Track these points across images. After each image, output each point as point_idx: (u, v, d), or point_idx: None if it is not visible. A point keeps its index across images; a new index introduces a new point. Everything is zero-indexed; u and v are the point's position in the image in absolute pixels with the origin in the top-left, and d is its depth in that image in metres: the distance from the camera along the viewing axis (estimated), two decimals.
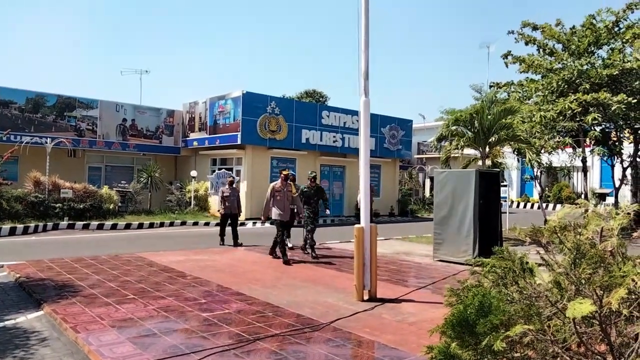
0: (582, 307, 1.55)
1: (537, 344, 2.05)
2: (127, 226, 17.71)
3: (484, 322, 1.72)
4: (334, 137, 23.52)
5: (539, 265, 2.31)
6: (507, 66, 18.45)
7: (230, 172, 21.12)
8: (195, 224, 19.23)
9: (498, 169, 16.53)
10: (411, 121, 28.06)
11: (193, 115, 23.76)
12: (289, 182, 10.52)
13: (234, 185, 13.33)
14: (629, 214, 2.02)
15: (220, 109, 21.79)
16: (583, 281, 1.76)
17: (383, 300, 6.83)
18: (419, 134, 36.90)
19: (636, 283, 1.58)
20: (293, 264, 9.80)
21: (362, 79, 7.35)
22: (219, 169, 21.84)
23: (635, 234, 2.13)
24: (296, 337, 5.11)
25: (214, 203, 19.90)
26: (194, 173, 21.59)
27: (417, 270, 9.72)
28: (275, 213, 10.11)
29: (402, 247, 13.15)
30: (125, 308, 6.11)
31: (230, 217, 12.92)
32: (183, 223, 19.18)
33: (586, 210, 2.19)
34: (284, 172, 10.55)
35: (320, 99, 40.98)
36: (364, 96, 7.35)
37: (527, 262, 2.24)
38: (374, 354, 4.78)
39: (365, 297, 6.88)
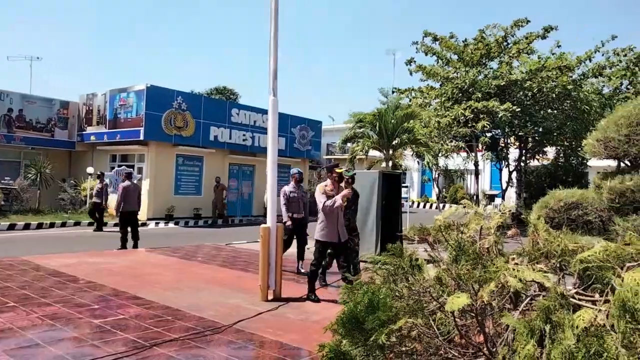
0: (459, 301, 1.68)
1: (423, 337, 2.18)
2: (11, 227, 16.18)
3: (373, 318, 1.80)
4: (244, 135, 23.25)
5: (433, 262, 2.46)
6: (410, 73, 19.42)
7: (131, 169, 20.10)
8: (91, 224, 18.04)
9: (400, 171, 17.35)
10: (321, 122, 28.51)
11: (91, 108, 22.26)
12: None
13: (134, 180, 12.63)
14: (504, 213, 2.22)
15: (122, 102, 20.62)
16: (462, 276, 1.91)
17: (288, 300, 6.86)
18: (328, 135, 37.61)
19: (506, 277, 1.74)
20: (199, 265, 9.54)
21: (271, 79, 7.35)
22: (119, 166, 20.66)
23: (509, 232, 2.34)
24: (196, 341, 4.98)
25: (114, 202, 18.84)
26: (90, 170, 20.22)
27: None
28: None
29: (310, 246, 13.29)
30: (4, 317, 5.58)
31: (128, 215, 12.21)
32: (77, 223, 17.91)
33: (469, 211, 2.37)
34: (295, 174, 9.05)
35: (231, 97, 40.30)
36: (272, 95, 7.35)
37: (416, 259, 2.37)
38: (276, 354, 4.79)
39: (270, 297, 6.88)
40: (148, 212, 19.68)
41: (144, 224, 18.20)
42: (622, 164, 3.57)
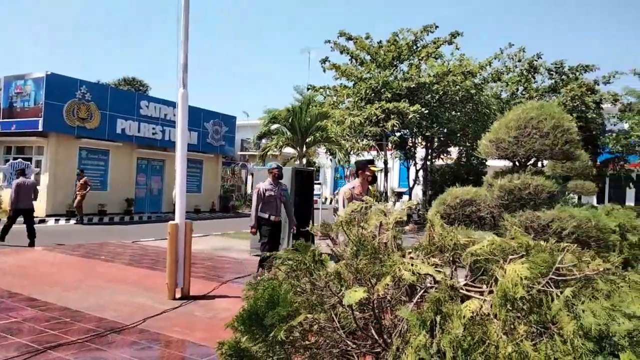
0: (355, 295, 1.73)
1: (325, 331, 2.21)
2: None
3: (273, 314, 1.80)
4: (154, 129, 22.30)
5: (337, 257, 2.51)
6: (324, 71, 19.68)
7: (28, 162, 18.52)
8: None
9: (313, 168, 17.57)
10: (235, 118, 28.09)
11: None
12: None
13: (29, 176, 11.68)
14: (403, 210, 2.32)
15: (18, 90, 18.92)
16: (360, 271, 1.96)
17: (196, 298, 6.70)
18: (242, 131, 37.14)
19: (401, 271, 1.82)
20: (102, 264, 9.02)
21: (181, 71, 7.16)
22: (15, 159, 18.97)
23: (407, 228, 2.45)
24: (96, 343, 4.71)
25: (8, 197, 17.26)
26: None
27: (233, 266, 9.77)
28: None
29: (220, 243, 13.08)
30: None
31: (23, 212, 11.29)
32: None
33: (371, 207, 2.44)
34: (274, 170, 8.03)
35: (141, 88, 38.48)
36: (182, 88, 7.16)
37: (319, 254, 2.40)
38: (181, 354, 4.66)
39: (178, 295, 6.69)
40: (47, 208, 18.29)
41: (42, 221, 16.88)
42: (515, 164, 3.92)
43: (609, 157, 22.82)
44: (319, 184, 31.03)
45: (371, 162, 5.79)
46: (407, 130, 20.02)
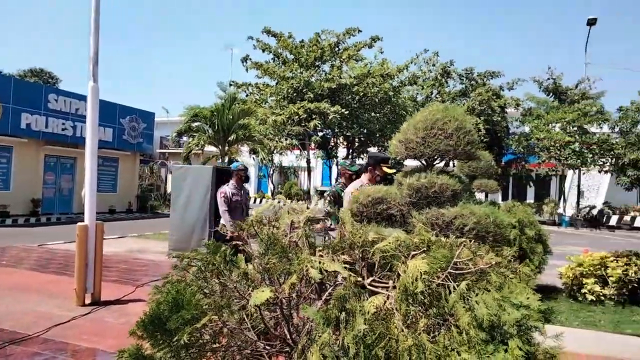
0: (262, 295, 1.72)
1: (236, 333, 2.19)
2: None
3: (176, 317, 1.75)
4: (64, 124, 20.87)
5: (249, 257, 2.48)
6: (247, 70, 19.48)
7: None
8: None
9: None
10: (153, 114, 26.99)
11: None
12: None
13: None
14: (313, 209, 2.34)
15: None
16: (268, 270, 1.96)
17: (108, 303, 6.38)
18: (162, 128, 35.82)
19: (308, 269, 1.83)
20: (3, 270, 8.32)
21: (91, 64, 6.83)
22: None
23: (317, 226, 2.48)
24: None
25: None
26: None
27: (150, 268, 9.40)
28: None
29: (137, 245, 12.54)
30: None
31: None
32: None
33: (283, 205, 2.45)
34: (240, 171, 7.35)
35: (50, 80, 35.93)
36: (92, 81, 6.84)
37: (232, 254, 2.37)
38: None
39: (88, 301, 6.34)
40: None
41: None
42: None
43: (512, 158, 24.58)
44: None
45: (386, 160, 5.00)
46: (329, 130, 20.32)
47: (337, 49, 19.60)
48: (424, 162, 3.45)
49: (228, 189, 7.15)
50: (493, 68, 24.45)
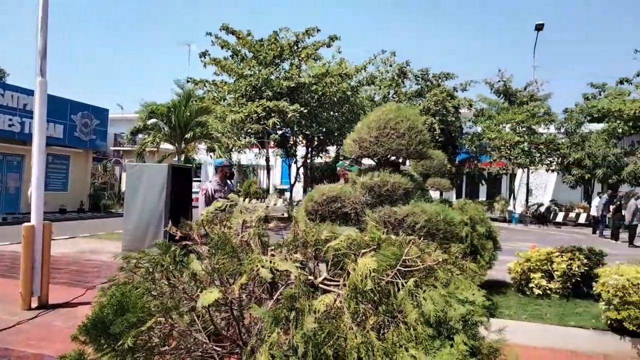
0: (210, 296, 1.70)
1: (186, 334, 2.15)
2: None
3: (121, 321, 1.70)
4: (11, 120, 19.90)
5: (199, 257, 2.44)
6: (205, 66, 19.16)
7: None
8: None
9: (191, 165, 17.03)
10: (107, 110, 26.14)
11: None
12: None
13: None
14: (267, 207, 2.33)
15: None
16: (217, 271, 1.94)
17: (56, 306, 6.15)
18: (116, 125, 34.75)
19: (259, 269, 1.82)
20: None
21: (39, 58, 6.61)
22: None
23: (270, 225, 2.47)
24: None
25: None
26: None
27: (102, 270, 9.10)
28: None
29: (89, 246, 12.12)
30: None
31: None
32: None
33: (235, 205, 2.42)
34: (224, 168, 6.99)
35: None
36: (40, 76, 6.61)
37: (183, 254, 2.32)
38: None
39: (35, 305, 6.09)
40: None
41: None
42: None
43: (466, 157, 25.32)
44: (199, 181, 30.19)
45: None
46: (288, 129, 20.27)
47: (296, 47, 19.55)
48: (376, 160, 3.50)
49: (211, 185, 6.78)
50: (447, 70, 25.10)
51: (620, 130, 22.64)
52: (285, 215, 19.65)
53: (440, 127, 22.29)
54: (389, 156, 3.43)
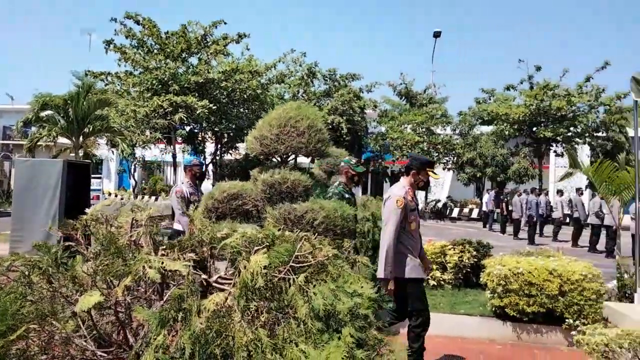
0: (90, 299, 1.61)
1: (71, 341, 2.02)
2: None
3: None
4: None
5: (85, 259, 2.29)
6: (106, 52, 18.08)
7: None
8: None
9: (89, 160, 15.99)
10: None
11: None
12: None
13: None
14: (160, 205, 2.25)
15: None
16: (100, 272, 1.84)
17: None
18: (6, 117, 31.78)
19: (145, 269, 1.76)
20: None
21: None
22: None
23: (163, 223, 2.39)
24: None
25: None
26: None
27: None
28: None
29: None
30: None
31: None
32: None
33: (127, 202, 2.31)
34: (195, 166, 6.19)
35: None
36: None
37: (69, 256, 2.18)
38: None
39: None
40: None
41: None
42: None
43: (371, 156, 26.34)
44: (99, 177, 28.47)
45: (432, 164, 4.37)
46: (197, 125, 19.74)
47: (205, 41, 19.05)
48: (278, 158, 3.52)
49: (184, 187, 6.08)
50: (354, 71, 25.87)
51: (506, 133, 24.95)
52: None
53: (347, 127, 22.92)
54: (289, 153, 3.47)
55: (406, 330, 3.91)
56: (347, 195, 5.01)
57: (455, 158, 25.18)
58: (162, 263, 1.86)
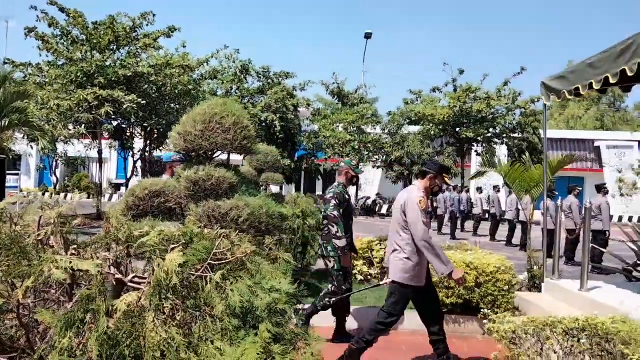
0: None
1: None
2: None
3: None
4: None
5: None
6: (26, 37, 16.94)
7: None
8: None
9: (4, 156, 14.91)
10: None
11: None
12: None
13: None
14: (72, 203, 2.15)
15: None
16: (0, 274, 1.74)
17: None
18: None
19: (52, 270, 1.68)
20: None
21: None
22: None
23: (75, 222, 2.29)
24: None
25: None
26: None
27: None
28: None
29: None
30: None
31: None
32: None
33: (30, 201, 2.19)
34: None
35: None
36: None
37: None
38: None
39: None
40: None
41: None
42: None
43: (304, 154, 26.58)
44: (17, 174, 26.64)
45: (448, 170, 4.49)
46: (125, 120, 18.95)
47: (135, 34, 18.28)
48: (202, 155, 3.47)
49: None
50: (287, 69, 25.98)
51: (432, 133, 26.28)
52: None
53: (280, 125, 22.93)
54: (214, 150, 3.43)
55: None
56: (347, 197, 5.08)
57: (385, 157, 25.96)
58: (71, 263, 1.79)
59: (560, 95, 5.77)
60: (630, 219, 26.73)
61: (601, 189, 10.90)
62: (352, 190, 27.71)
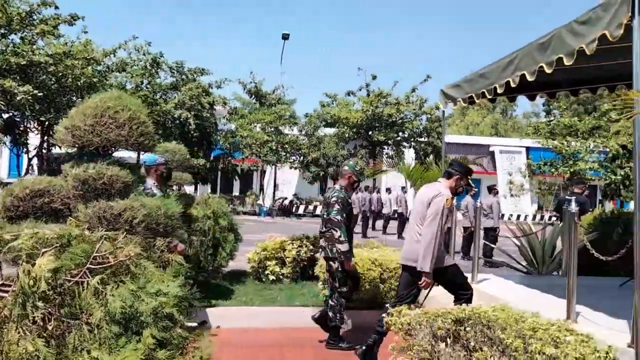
0: None
1: None
2: None
3: None
4: None
5: None
6: None
7: None
8: None
9: None
10: None
11: None
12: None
13: None
14: None
15: None
16: None
17: None
18: None
19: None
20: None
21: None
22: None
23: None
24: None
25: None
26: None
27: None
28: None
29: None
30: None
31: None
32: None
33: None
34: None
35: None
36: None
37: None
38: None
39: None
40: None
41: None
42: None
43: (220, 153, 26.09)
44: None
45: (472, 172, 4.60)
46: (18, 112, 17.40)
47: (30, 18, 16.82)
48: (92, 151, 3.24)
49: (153, 190, 5.16)
50: (203, 65, 25.24)
51: (347, 135, 27.15)
52: None
53: (195, 122, 22.24)
54: (106, 147, 3.21)
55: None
56: (349, 201, 5.09)
57: (301, 157, 26.16)
58: None
59: (456, 103, 6.13)
60: (518, 217, 29.05)
61: (492, 189, 12.01)
62: (270, 190, 27.62)
